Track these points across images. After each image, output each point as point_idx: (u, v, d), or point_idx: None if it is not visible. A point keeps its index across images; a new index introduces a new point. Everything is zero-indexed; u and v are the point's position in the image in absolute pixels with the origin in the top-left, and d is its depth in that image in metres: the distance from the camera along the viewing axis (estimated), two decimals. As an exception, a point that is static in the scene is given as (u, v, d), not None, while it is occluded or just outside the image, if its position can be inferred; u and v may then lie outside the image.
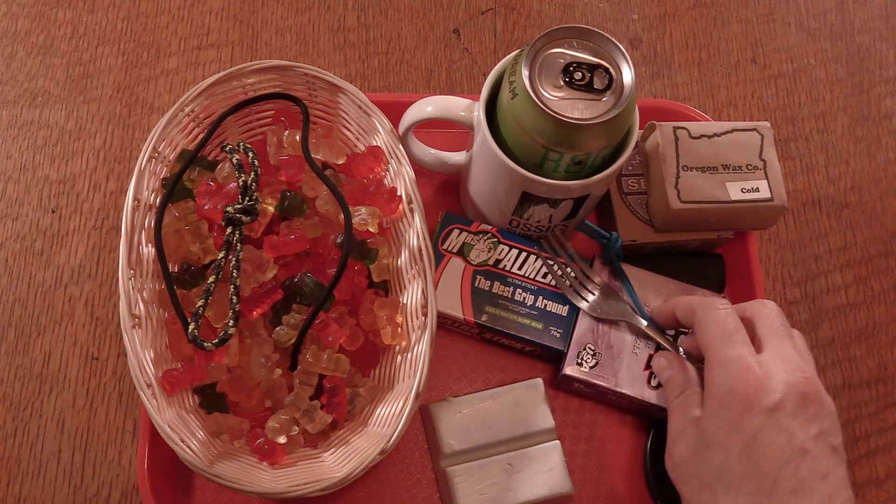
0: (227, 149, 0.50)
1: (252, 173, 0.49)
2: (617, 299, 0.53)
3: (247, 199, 0.49)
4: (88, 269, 0.59)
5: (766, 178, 0.54)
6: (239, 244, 0.49)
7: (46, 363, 0.56)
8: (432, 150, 0.57)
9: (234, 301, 0.47)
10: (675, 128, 0.55)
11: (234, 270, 0.48)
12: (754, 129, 0.55)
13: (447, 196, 0.60)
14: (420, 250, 0.49)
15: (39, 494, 0.53)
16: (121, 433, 0.54)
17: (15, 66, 0.65)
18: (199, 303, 0.47)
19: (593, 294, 0.54)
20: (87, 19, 0.67)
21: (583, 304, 0.53)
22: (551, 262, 0.54)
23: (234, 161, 0.49)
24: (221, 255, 0.49)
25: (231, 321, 0.47)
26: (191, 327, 0.46)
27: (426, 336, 0.47)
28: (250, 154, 0.50)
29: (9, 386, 0.55)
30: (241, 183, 0.49)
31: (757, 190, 0.54)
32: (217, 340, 0.46)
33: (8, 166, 0.62)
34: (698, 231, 0.56)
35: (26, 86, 0.65)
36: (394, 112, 0.53)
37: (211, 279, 0.48)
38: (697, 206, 0.53)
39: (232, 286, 0.48)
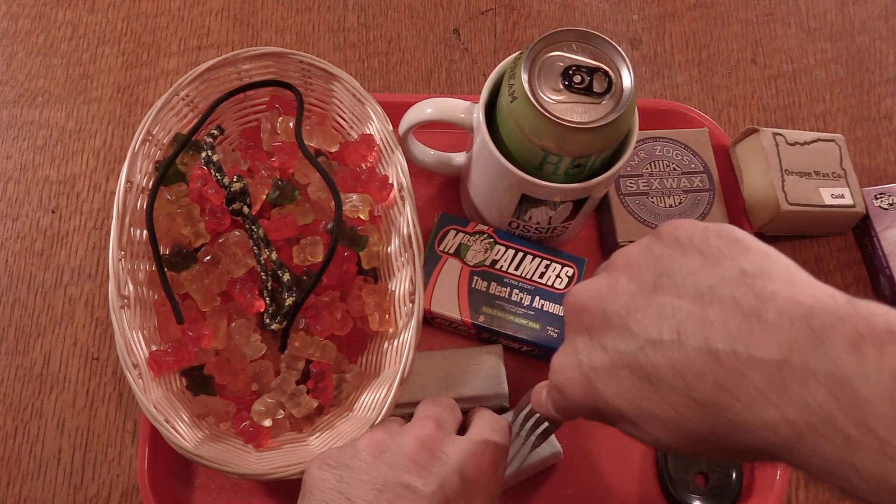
0: (203, 156, 0.51)
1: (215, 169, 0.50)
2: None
3: (229, 188, 0.49)
4: (88, 270, 0.59)
5: (848, 186, 0.58)
6: (253, 226, 0.50)
7: (46, 363, 0.56)
8: (432, 151, 0.57)
9: (265, 278, 0.50)
10: (774, 133, 0.58)
11: (258, 244, 0.50)
12: (832, 140, 0.59)
13: (446, 196, 0.60)
14: (409, 238, 0.49)
15: (39, 495, 0.53)
16: (121, 433, 0.55)
17: (15, 67, 0.65)
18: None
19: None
20: (87, 19, 0.67)
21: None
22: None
23: (204, 157, 0.50)
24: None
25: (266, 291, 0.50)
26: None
27: (413, 323, 0.48)
28: (208, 152, 0.51)
29: (9, 386, 0.55)
30: (216, 178, 0.50)
31: (842, 196, 0.57)
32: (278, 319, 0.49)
33: (8, 166, 0.62)
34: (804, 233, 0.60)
35: (26, 86, 0.65)
36: (394, 112, 0.53)
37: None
38: (802, 208, 0.56)
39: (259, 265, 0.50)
